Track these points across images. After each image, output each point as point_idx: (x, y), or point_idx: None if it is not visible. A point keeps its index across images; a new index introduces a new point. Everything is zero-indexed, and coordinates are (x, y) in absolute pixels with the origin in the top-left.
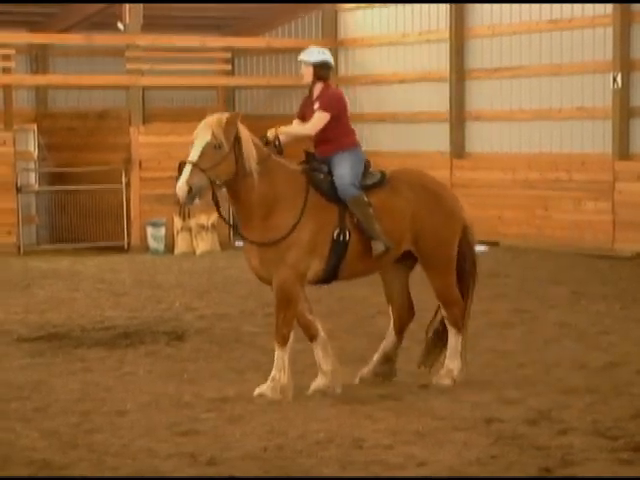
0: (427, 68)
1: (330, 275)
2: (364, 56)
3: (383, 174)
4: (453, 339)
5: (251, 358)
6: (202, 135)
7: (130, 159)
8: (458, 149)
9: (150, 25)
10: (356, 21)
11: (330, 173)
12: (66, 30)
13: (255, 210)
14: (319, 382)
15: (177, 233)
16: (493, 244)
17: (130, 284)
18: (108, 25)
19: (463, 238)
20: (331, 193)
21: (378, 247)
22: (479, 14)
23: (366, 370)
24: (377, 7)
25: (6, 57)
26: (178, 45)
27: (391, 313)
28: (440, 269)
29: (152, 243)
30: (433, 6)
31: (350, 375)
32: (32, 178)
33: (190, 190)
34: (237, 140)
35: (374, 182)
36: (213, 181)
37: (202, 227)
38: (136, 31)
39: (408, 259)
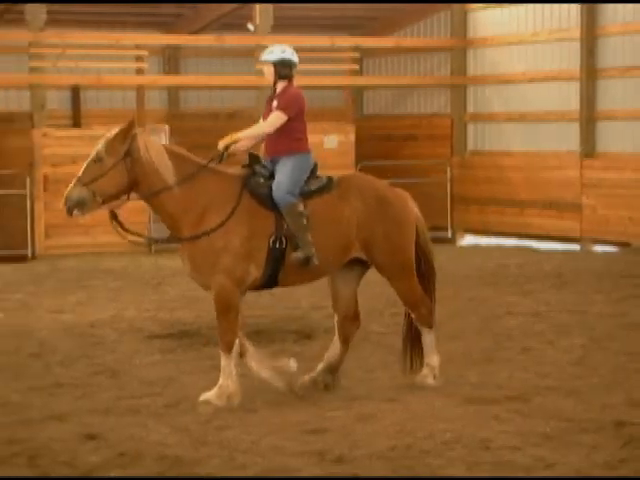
0: (557, 67)
1: (269, 282)
2: (494, 55)
3: (330, 180)
4: (427, 337)
5: (379, 357)
6: (95, 148)
7: None
8: (588, 149)
9: (280, 26)
10: (486, 20)
11: (272, 177)
12: (198, 31)
13: (180, 220)
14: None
15: None
16: (624, 245)
17: None
18: (238, 26)
19: (416, 240)
20: (269, 199)
21: (299, 255)
22: (611, 12)
23: (307, 378)
24: (507, 6)
25: (139, 58)
26: (307, 45)
27: (335, 321)
28: (398, 274)
29: None
30: (564, 5)
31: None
32: None
33: (65, 203)
34: (129, 154)
35: (318, 187)
36: (95, 195)
37: None
38: (266, 32)
39: (357, 266)
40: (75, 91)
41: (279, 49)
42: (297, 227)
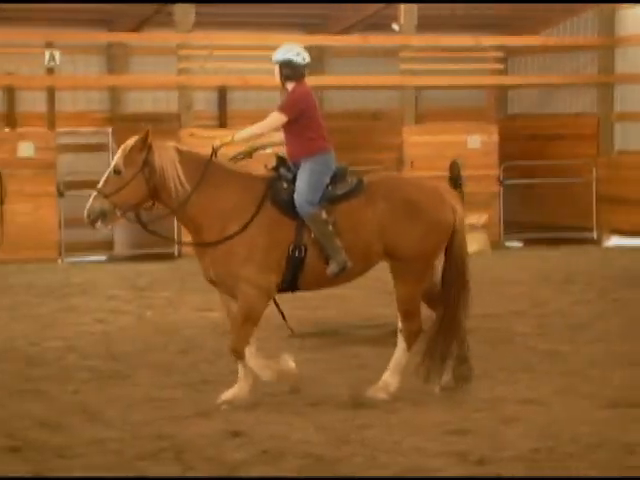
0: None
1: (289, 287)
2: None
3: (359, 183)
4: (400, 354)
5: (523, 359)
6: (114, 160)
7: (402, 159)
8: None
9: (424, 25)
10: (635, 18)
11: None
12: (342, 32)
13: (201, 224)
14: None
15: None
16: None
17: None
18: (383, 26)
19: (450, 244)
20: (290, 206)
21: (333, 268)
22: None
23: (445, 378)
24: None
25: None
26: (451, 45)
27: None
28: (410, 279)
29: None
30: None
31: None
32: None
33: (89, 216)
34: (146, 164)
35: (345, 192)
36: (117, 207)
37: (473, 227)
38: (410, 31)
39: None
40: (222, 92)
41: (285, 49)
42: (323, 235)
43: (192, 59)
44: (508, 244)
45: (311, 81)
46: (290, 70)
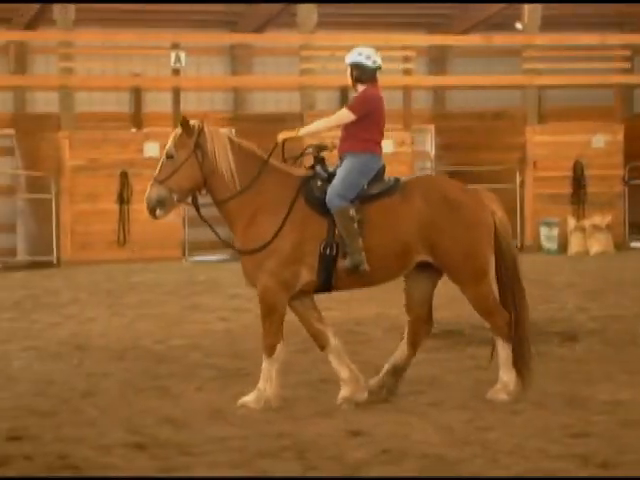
0: None
1: (324, 286)
2: None
3: (395, 182)
4: (502, 351)
5: None
6: (166, 146)
7: (524, 159)
8: None
9: (549, 24)
10: None
11: (332, 179)
12: (465, 31)
13: (237, 217)
14: (343, 392)
15: (570, 233)
16: None
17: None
18: (506, 25)
19: (496, 244)
20: (323, 203)
21: (347, 264)
22: None
23: (373, 381)
24: None
25: (406, 59)
26: (576, 44)
27: (407, 324)
28: (469, 281)
29: (545, 242)
30: None
31: None
32: None
33: (148, 205)
34: (198, 146)
35: (380, 191)
36: (174, 192)
37: (596, 227)
38: (534, 30)
39: (430, 270)
40: (343, 92)
41: (357, 51)
42: (346, 232)
43: (314, 60)
44: (633, 245)
45: (432, 81)
46: (360, 72)
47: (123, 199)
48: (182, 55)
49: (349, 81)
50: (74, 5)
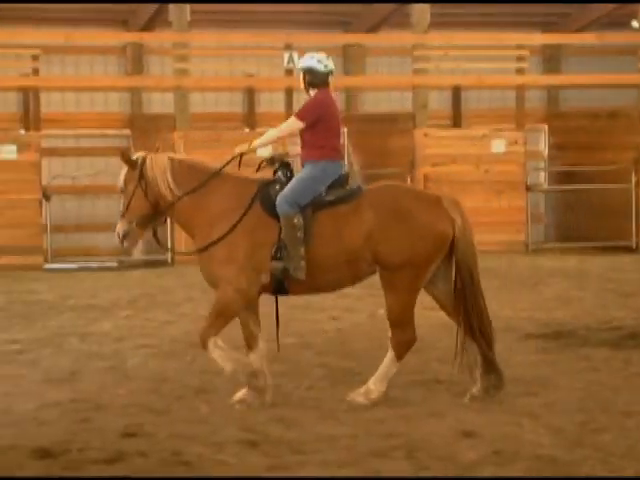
0: None
1: (278, 289)
2: None
3: (354, 191)
4: (389, 363)
5: None
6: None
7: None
8: None
9: None
10: None
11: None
12: (580, 30)
13: (193, 230)
14: (242, 394)
15: None
16: None
17: (639, 284)
18: (623, 24)
19: (455, 253)
20: (275, 207)
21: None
22: None
23: (475, 389)
24: None
25: (520, 58)
26: None
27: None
28: (398, 287)
29: None
30: None
31: None
32: (541, 177)
33: (117, 238)
34: (142, 177)
35: (336, 198)
36: (133, 222)
37: None
38: None
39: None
40: (456, 91)
41: (307, 57)
42: (289, 239)
43: (427, 59)
44: None
45: (546, 80)
46: (312, 77)
47: None
48: (295, 55)
49: (301, 86)
50: (189, 6)
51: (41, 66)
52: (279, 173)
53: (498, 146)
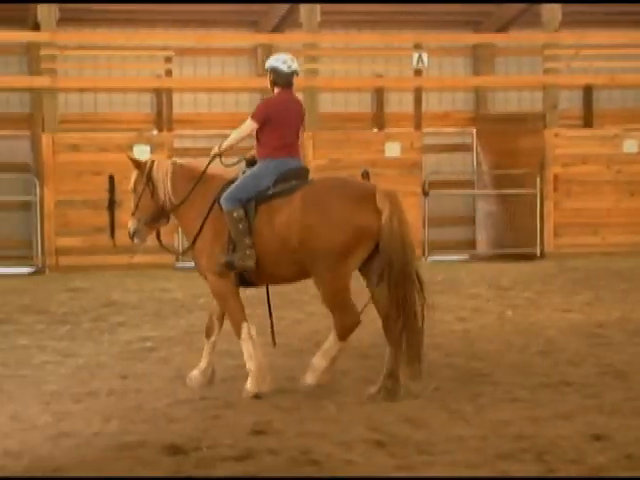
0: None
1: (241, 281)
2: None
3: (298, 184)
4: (331, 342)
5: None
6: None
7: None
8: None
9: None
10: None
11: None
12: None
13: (183, 226)
14: (194, 375)
15: None
16: None
17: None
18: None
19: (381, 244)
20: None
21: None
22: None
23: (371, 390)
24: None
25: None
26: None
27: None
28: (324, 276)
29: None
30: None
31: None
32: None
33: (129, 235)
34: (149, 179)
35: (275, 192)
36: (142, 221)
37: None
38: None
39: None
40: (587, 91)
41: (275, 57)
42: (234, 232)
43: (558, 58)
44: None
45: None
46: (276, 77)
47: None
48: (424, 55)
49: (268, 85)
50: (320, 7)
51: (174, 67)
52: (240, 171)
53: (630, 146)
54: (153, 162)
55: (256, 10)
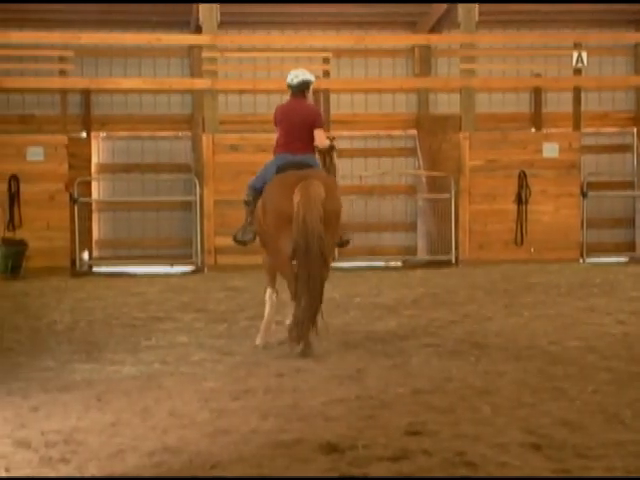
0: None
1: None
2: None
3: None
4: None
5: None
6: None
7: None
8: None
9: None
10: None
11: None
12: None
13: None
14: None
15: None
16: None
17: None
18: None
19: (292, 227)
20: None
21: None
22: None
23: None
24: None
25: None
26: None
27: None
28: (267, 248)
29: None
30: None
31: None
32: None
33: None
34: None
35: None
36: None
37: None
38: None
39: None
40: None
41: (291, 72)
42: (245, 212)
43: None
44: None
45: None
46: (288, 87)
47: (521, 199)
48: (584, 55)
49: None
50: (477, 6)
51: (331, 69)
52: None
53: None
54: None
55: (414, 11)
